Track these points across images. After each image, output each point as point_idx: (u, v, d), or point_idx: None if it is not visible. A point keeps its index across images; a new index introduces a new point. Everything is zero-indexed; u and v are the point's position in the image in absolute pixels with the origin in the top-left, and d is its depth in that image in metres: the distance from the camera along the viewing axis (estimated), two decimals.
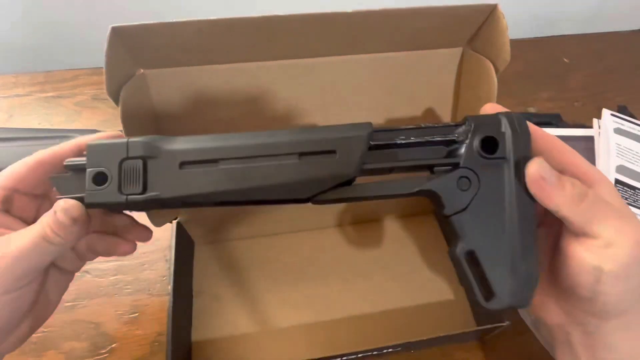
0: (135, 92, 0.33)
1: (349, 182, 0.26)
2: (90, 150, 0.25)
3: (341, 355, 0.37)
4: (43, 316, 0.29)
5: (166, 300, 0.43)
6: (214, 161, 0.25)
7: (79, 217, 0.25)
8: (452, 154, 0.27)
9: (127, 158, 0.25)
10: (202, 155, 0.25)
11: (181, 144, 0.25)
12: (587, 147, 0.52)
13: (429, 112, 0.42)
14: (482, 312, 0.42)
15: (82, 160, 0.25)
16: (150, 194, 0.25)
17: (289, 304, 0.43)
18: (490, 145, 0.26)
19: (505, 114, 0.27)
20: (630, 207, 0.46)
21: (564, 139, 0.53)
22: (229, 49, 0.34)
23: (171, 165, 0.25)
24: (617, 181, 0.48)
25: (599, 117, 0.55)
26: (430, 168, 0.27)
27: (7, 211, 0.27)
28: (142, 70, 0.34)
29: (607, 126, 0.53)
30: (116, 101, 0.31)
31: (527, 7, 0.81)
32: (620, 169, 0.49)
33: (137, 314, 0.42)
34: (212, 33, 0.32)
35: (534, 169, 0.25)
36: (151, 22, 0.30)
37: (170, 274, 0.38)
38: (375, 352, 0.38)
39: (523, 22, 0.82)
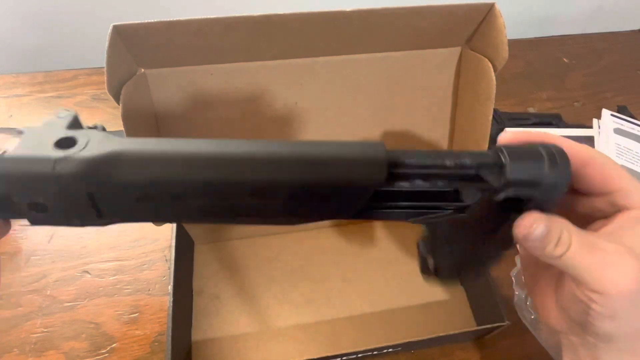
0: (136, 91, 0.33)
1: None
2: (8, 179, 0.18)
3: (341, 355, 0.37)
4: None
5: (166, 300, 0.43)
6: (178, 197, 0.19)
7: None
8: (464, 190, 0.23)
9: (65, 192, 0.18)
10: (162, 191, 0.19)
11: (133, 171, 0.18)
12: None
13: (428, 111, 0.43)
14: (482, 312, 0.42)
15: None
16: (106, 220, 0.20)
17: (288, 303, 0.43)
18: (511, 203, 0.21)
19: (550, 157, 0.21)
20: None
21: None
22: (229, 48, 0.34)
23: (125, 197, 0.19)
24: None
25: (599, 117, 0.55)
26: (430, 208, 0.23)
27: None
28: (142, 70, 0.34)
29: (607, 126, 0.53)
30: (117, 99, 0.31)
31: (527, 7, 0.81)
32: None
33: (137, 314, 0.42)
34: (212, 32, 0.32)
35: (521, 234, 0.22)
36: (152, 20, 0.30)
37: (170, 274, 0.38)
38: (375, 352, 0.38)
39: (523, 22, 0.82)
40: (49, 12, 0.67)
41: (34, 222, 0.20)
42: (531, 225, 0.22)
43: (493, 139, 0.56)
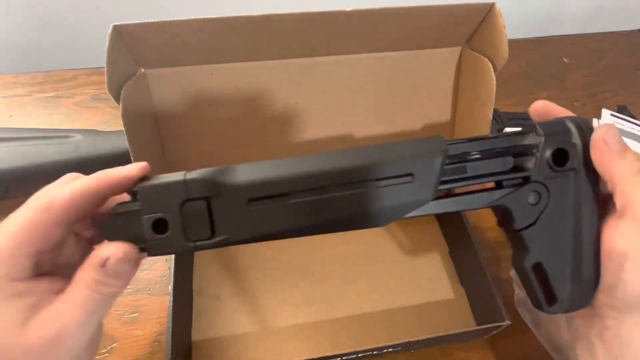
0: (136, 91, 0.33)
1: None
2: (144, 193, 0.22)
3: (341, 355, 0.37)
4: (98, 343, 0.25)
5: (166, 300, 0.43)
6: (284, 195, 0.22)
7: (135, 257, 0.21)
8: (520, 166, 0.26)
9: (188, 200, 0.22)
10: (270, 190, 0.22)
11: (245, 175, 0.22)
12: None
13: (429, 111, 0.43)
14: (481, 312, 0.42)
15: (133, 205, 0.22)
16: (219, 237, 0.23)
17: (288, 303, 0.43)
18: (561, 157, 0.25)
19: (572, 120, 0.26)
20: None
21: None
22: (229, 48, 0.34)
23: (238, 203, 0.22)
24: None
25: (599, 117, 0.55)
26: (499, 182, 0.26)
27: (41, 274, 0.22)
28: (142, 70, 0.34)
29: None
30: (117, 99, 0.31)
31: (527, 7, 0.81)
32: None
33: (137, 314, 0.42)
34: (212, 32, 0.32)
35: (599, 133, 0.24)
36: (152, 20, 0.30)
37: (170, 274, 0.38)
38: (375, 352, 0.38)
39: (523, 22, 0.82)
40: (49, 12, 0.67)
41: (152, 252, 0.22)
42: (608, 129, 0.24)
43: None
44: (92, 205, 0.22)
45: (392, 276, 0.46)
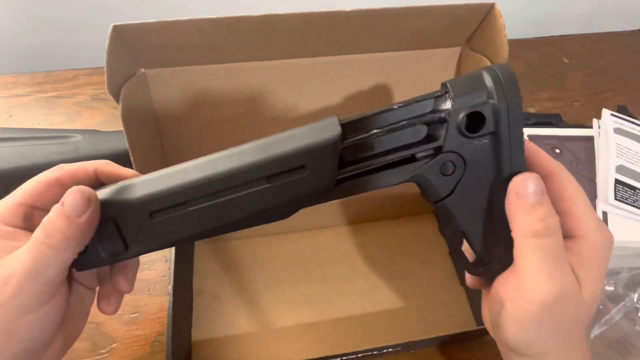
0: (136, 91, 0.33)
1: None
2: None
3: (341, 355, 0.37)
4: (75, 331, 0.27)
5: (166, 300, 0.43)
6: (182, 204, 0.23)
7: (93, 198, 0.23)
8: (433, 134, 0.24)
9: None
10: (167, 202, 0.23)
11: (142, 190, 0.23)
12: (587, 147, 0.52)
13: None
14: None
15: None
16: (134, 248, 0.24)
17: (288, 303, 0.43)
18: (475, 120, 0.23)
19: (490, 74, 0.23)
20: (630, 207, 0.46)
21: (564, 139, 0.53)
22: (229, 48, 0.34)
23: (141, 217, 0.23)
24: (617, 181, 0.48)
25: (599, 117, 0.55)
26: (411, 156, 0.25)
27: (29, 229, 0.25)
28: (142, 70, 0.34)
29: (607, 126, 0.53)
30: (117, 99, 0.31)
31: (527, 7, 0.81)
32: (620, 169, 0.49)
33: (137, 314, 0.42)
34: (212, 32, 0.32)
35: (515, 183, 0.23)
36: (152, 20, 0.30)
37: (170, 274, 0.38)
38: (375, 352, 0.38)
39: (523, 22, 0.82)
40: (49, 12, 0.67)
41: (79, 268, 0.25)
42: (526, 180, 0.23)
43: None
44: (90, 181, 0.26)
45: (392, 276, 0.46)
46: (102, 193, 0.23)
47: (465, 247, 0.28)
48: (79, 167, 0.26)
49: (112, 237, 0.24)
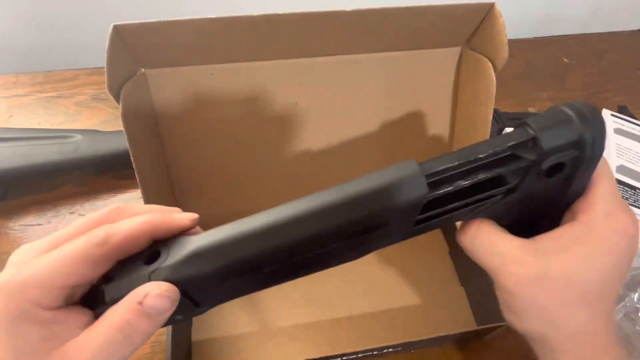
0: (136, 91, 0.33)
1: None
2: (110, 296, 0.21)
3: (341, 355, 0.37)
4: None
5: None
6: (254, 269, 0.22)
7: (173, 301, 0.20)
8: (507, 176, 0.23)
9: None
10: (240, 270, 0.22)
11: (212, 261, 0.21)
12: None
13: (428, 111, 0.43)
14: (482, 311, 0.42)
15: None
16: (204, 307, 0.23)
17: (289, 303, 0.43)
18: (557, 166, 0.22)
19: (580, 117, 0.21)
20: (630, 207, 0.46)
21: None
22: (229, 48, 0.34)
23: (213, 284, 0.22)
24: (618, 181, 0.48)
25: None
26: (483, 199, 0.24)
27: (72, 301, 0.21)
28: (142, 70, 0.34)
29: (607, 126, 0.53)
30: (117, 99, 0.31)
31: (527, 7, 0.81)
32: (620, 169, 0.49)
33: None
34: (212, 32, 0.32)
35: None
36: (152, 20, 0.30)
37: None
38: (375, 352, 0.38)
39: (523, 22, 0.82)
40: (49, 12, 0.67)
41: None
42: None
43: None
44: (143, 245, 0.22)
45: (392, 276, 0.46)
46: (168, 271, 0.21)
47: None
48: (128, 236, 0.21)
49: (182, 303, 0.21)
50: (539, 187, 0.23)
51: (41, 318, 0.20)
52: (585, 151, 0.21)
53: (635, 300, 0.42)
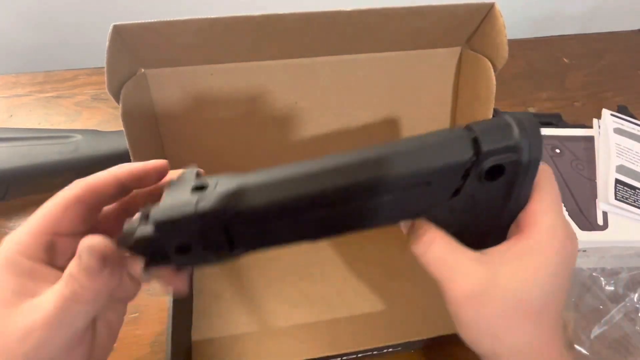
0: (136, 91, 0.33)
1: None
2: (160, 228, 0.21)
3: (341, 355, 0.37)
4: (101, 356, 0.25)
5: (166, 300, 0.43)
6: (298, 212, 0.22)
7: (109, 254, 0.21)
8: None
9: (204, 228, 0.21)
10: (284, 211, 0.22)
11: (258, 197, 0.22)
12: (587, 147, 0.52)
13: (428, 111, 0.43)
14: None
15: (148, 230, 0.21)
16: (238, 250, 0.23)
17: (289, 303, 0.43)
18: (497, 169, 0.23)
19: (518, 124, 0.22)
20: (630, 206, 0.46)
21: (564, 139, 0.53)
22: (229, 48, 0.34)
23: (253, 223, 0.22)
24: (618, 181, 0.48)
25: (599, 117, 0.55)
26: None
27: (52, 262, 0.23)
28: (142, 70, 0.34)
29: (607, 126, 0.53)
30: (117, 99, 0.31)
31: (527, 7, 0.81)
32: (620, 169, 0.49)
33: (137, 314, 0.42)
34: (212, 31, 0.32)
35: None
36: (152, 20, 0.30)
37: None
38: (375, 352, 0.38)
39: (523, 22, 0.82)
40: (49, 12, 0.67)
41: (179, 266, 0.23)
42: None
43: None
44: (114, 190, 0.24)
45: (392, 276, 0.46)
46: (215, 199, 0.21)
47: None
48: (98, 180, 0.23)
49: (219, 241, 0.22)
50: (482, 192, 0.24)
51: (20, 269, 0.21)
52: (522, 156, 0.22)
53: (635, 300, 0.42)
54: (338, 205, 0.22)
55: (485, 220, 0.25)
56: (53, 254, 0.23)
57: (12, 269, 0.21)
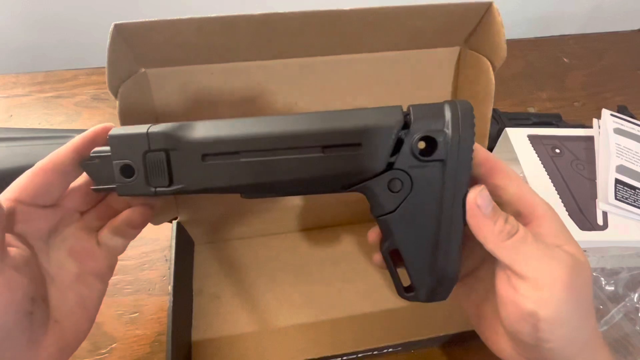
0: (136, 90, 0.33)
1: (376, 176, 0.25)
2: (112, 141, 0.25)
3: (341, 355, 0.37)
4: (74, 332, 0.26)
5: (166, 300, 0.43)
6: (235, 153, 0.24)
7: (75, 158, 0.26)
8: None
9: (150, 150, 0.24)
10: (222, 148, 0.24)
11: (201, 132, 0.24)
12: (587, 147, 0.52)
13: None
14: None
15: (106, 150, 0.25)
16: (176, 186, 0.25)
17: (288, 303, 0.43)
18: (429, 147, 0.24)
19: (451, 106, 0.24)
20: (630, 206, 0.46)
21: (564, 139, 0.53)
22: (229, 47, 0.34)
23: (193, 157, 0.24)
24: (617, 181, 0.48)
25: (598, 117, 0.55)
26: None
27: (10, 229, 0.24)
28: (143, 69, 0.34)
29: (607, 126, 0.53)
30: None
31: (526, 7, 0.81)
32: (620, 169, 0.49)
33: (137, 314, 0.42)
34: (212, 31, 0.32)
35: (472, 196, 0.24)
36: (153, 19, 0.30)
37: (170, 274, 0.38)
38: (375, 352, 0.38)
39: (523, 22, 0.82)
40: (49, 12, 0.67)
41: (120, 192, 0.26)
42: (481, 191, 0.24)
43: (493, 139, 0.56)
44: (72, 158, 0.27)
45: None
46: (165, 126, 0.24)
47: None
48: (59, 151, 0.27)
49: (160, 169, 0.25)
50: (419, 174, 0.25)
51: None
52: (452, 132, 0.23)
53: (635, 300, 0.42)
54: (268, 153, 0.24)
55: (427, 207, 0.25)
56: (12, 220, 0.24)
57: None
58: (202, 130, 0.24)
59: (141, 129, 0.25)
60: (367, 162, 0.24)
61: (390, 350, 0.38)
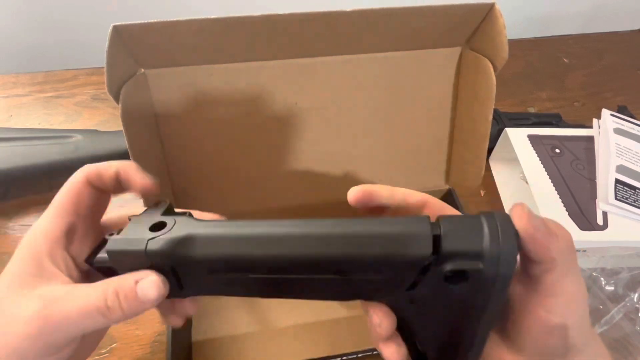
0: (136, 91, 0.33)
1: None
2: (113, 256, 0.23)
3: (341, 355, 0.37)
4: (88, 350, 0.26)
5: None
6: (243, 271, 0.22)
7: (160, 297, 0.22)
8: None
9: (153, 266, 0.22)
10: (229, 266, 0.22)
11: (203, 249, 0.22)
12: (587, 147, 0.52)
13: (428, 111, 0.43)
14: None
15: (104, 257, 0.23)
16: (188, 291, 0.24)
17: (288, 303, 0.43)
18: (459, 275, 0.21)
19: (489, 225, 0.20)
20: (630, 206, 0.46)
21: (564, 139, 0.53)
22: (229, 48, 0.34)
23: (200, 271, 0.23)
24: (617, 181, 0.48)
25: (599, 117, 0.55)
26: None
27: (68, 246, 0.24)
28: (142, 70, 0.34)
29: (607, 126, 0.53)
30: (117, 99, 0.31)
31: (527, 7, 0.81)
32: (620, 169, 0.49)
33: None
34: (212, 32, 0.32)
35: (524, 224, 0.20)
36: (152, 20, 0.30)
37: None
38: (375, 352, 0.38)
39: (523, 22, 0.82)
40: (49, 12, 0.67)
41: None
42: (529, 214, 0.20)
43: (493, 139, 0.56)
44: (84, 191, 0.26)
45: None
46: (164, 242, 0.22)
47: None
48: (104, 167, 0.26)
49: (169, 279, 0.23)
50: (444, 293, 0.22)
51: (39, 252, 0.23)
52: (488, 267, 0.20)
53: (635, 300, 0.42)
54: (280, 273, 0.22)
55: (448, 322, 0.23)
56: (71, 237, 0.24)
57: (32, 251, 0.23)
58: (205, 245, 0.22)
59: (139, 244, 0.22)
60: (388, 288, 0.22)
61: None
